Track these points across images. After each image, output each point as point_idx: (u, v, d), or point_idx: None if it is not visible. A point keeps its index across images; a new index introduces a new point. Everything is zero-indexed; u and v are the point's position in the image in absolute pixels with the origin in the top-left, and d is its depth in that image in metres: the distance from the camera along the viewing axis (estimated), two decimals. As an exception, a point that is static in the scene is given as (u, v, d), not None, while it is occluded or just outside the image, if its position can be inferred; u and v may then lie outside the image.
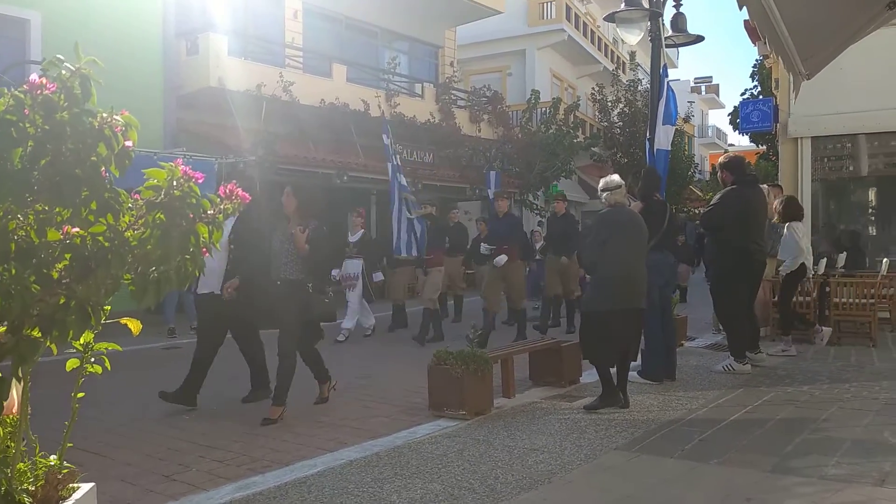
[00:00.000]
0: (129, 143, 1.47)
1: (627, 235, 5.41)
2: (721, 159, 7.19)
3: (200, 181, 1.56)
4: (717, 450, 4.23)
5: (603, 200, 5.56)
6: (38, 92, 1.33)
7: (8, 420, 1.95)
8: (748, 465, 3.96)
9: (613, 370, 5.41)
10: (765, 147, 26.69)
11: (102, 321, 1.87)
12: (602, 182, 5.64)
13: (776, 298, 8.32)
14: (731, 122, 30.12)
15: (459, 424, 4.92)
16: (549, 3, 25.35)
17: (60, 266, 1.44)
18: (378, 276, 10.47)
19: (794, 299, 8.26)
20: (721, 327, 8.08)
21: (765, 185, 8.50)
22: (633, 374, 6.30)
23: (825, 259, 9.05)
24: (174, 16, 13.10)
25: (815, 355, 7.54)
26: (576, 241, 9.71)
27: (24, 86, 1.36)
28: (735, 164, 6.91)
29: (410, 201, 9.81)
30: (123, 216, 1.49)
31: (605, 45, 29.79)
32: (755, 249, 6.69)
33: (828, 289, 8.30)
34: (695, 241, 8.49)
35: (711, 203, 6.96)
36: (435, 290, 9.63)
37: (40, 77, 1.37)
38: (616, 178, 5.66)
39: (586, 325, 5.48)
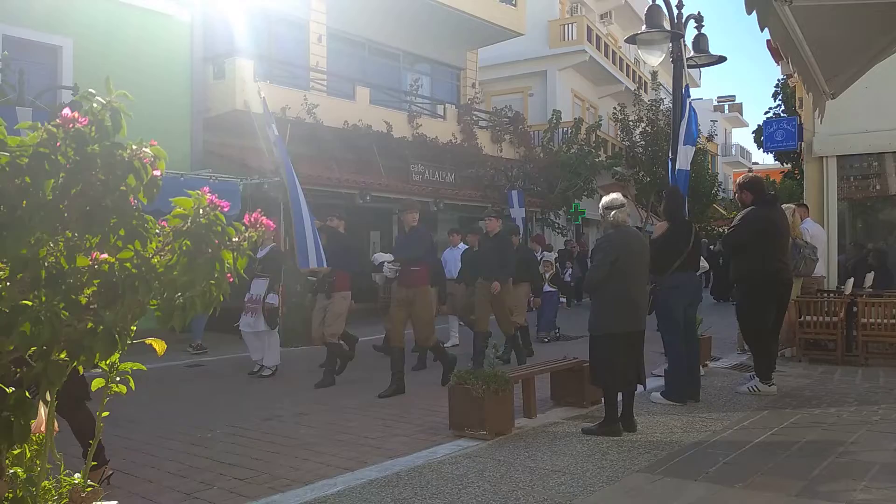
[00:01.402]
0: (157, 173, 1.53)
1: (634, 256, 5.28)
2: (740, 179, 7.15)
3: (226, 209, 1.61)
4: (742, 473, 4.17)
5: (610, 218, 5.35)
6: (71, 125, 1.39)
7: (34, 438, 1.99)
8: (774, 489, 3.90)
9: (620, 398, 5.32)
10: (790, 165, 26.43)
11: (129, 342, 1.92)
12: (606, 200, 5.45)
13: (802, 319, 8.23)
14: (755, 141, 29.89)
15: (480, 445, 4.91)
16: (569, 25, 25.48)
17: (89, 292, 1.49)
18: (273, 299, 8.27)
19: (821, 319, 8.15)
20: (746, 347, 7.94)
21: (791, 205, 8.43)
22: (656, 395, 6.26)
23: (852, 279, 8.92)
24: (201, 41, 13.39)
25: (842, 376, 7.41)
26: (510, 265, 8.69)
27: (57, 119, 1.42)
28: (754, 185, 6.86)
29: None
30: (151, 243, 1.54)
31: (627, 64, 29.83)
32: (781, 268, 6.61)
33: (855, 309, 8.18)
34: (707, 258, 8.16)
35: (733, 224, 6.90)
36: (340, 321, 7.86)
37: (73, 111, 1.43)
38: (620, 196, 5.49)
39: (593, 348, 5.37)
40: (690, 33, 8.00)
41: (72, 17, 11.33)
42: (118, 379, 2.05)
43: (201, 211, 1.56)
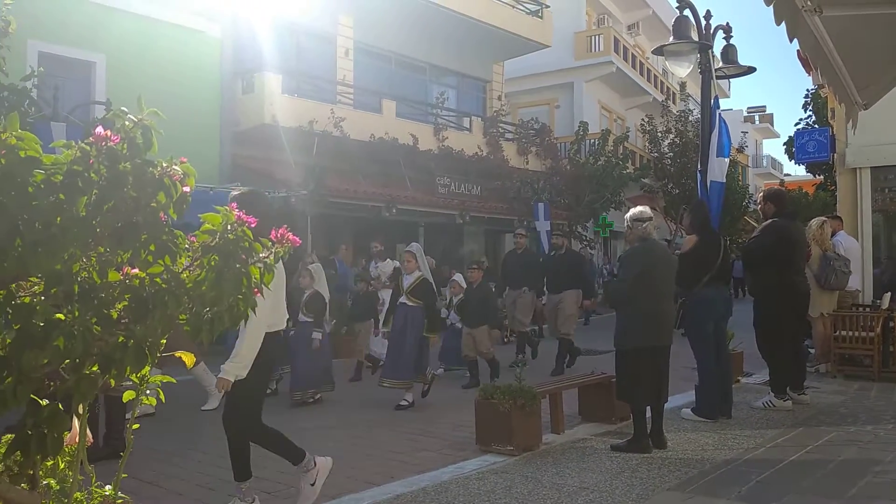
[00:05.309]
0: (186, 189, 1.55)
1: (660, 270, 5.21)
2: (764, 191, 7.34)
3: (253, 226, 1.62)
4: (775, 492, 4.07)
5: (640, 230, 5.25)
6: (103, 143, 1.42)
7: (67, 450, 2.01)
8: (809, 509, 3.81)
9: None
10: (822, 177, 25.99)
11: (159, 355, 1.93)
12: (634, 213, 5.37)
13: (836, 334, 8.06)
14: (786, 152, 29.44)
15: (507, 460, 4.86)
16: (596, 37, 25.41)
17: (120, 306, 1.50)
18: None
19: (857, 334, 7.97)
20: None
21: (821, 217, 8.35)
22: (686, 412, 6.16)
23: (889, 293, 8.72)
24: (231, 56, 13.61)
25: (878, 393, 7.23)
26: None
27: (90, 137, 1.44)
28: (777, 197, 7.04)
29: None
30: (180, 258, 1.56)
31: (655, 75, 29.65)
32: (798, 281, 6.69)
33: (892, 324, 7.99)
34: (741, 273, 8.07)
35: (753, 235, 6.98)
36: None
37: (105, 128, 1.45)
38: (647, 209, 5.41)
39: (619, 363, 5.29)
40: (719, 44, 7.93)
41: (105, 34, 11.58)
42: (148, 392, 2.07)
43: (229, 227, 1.57)
